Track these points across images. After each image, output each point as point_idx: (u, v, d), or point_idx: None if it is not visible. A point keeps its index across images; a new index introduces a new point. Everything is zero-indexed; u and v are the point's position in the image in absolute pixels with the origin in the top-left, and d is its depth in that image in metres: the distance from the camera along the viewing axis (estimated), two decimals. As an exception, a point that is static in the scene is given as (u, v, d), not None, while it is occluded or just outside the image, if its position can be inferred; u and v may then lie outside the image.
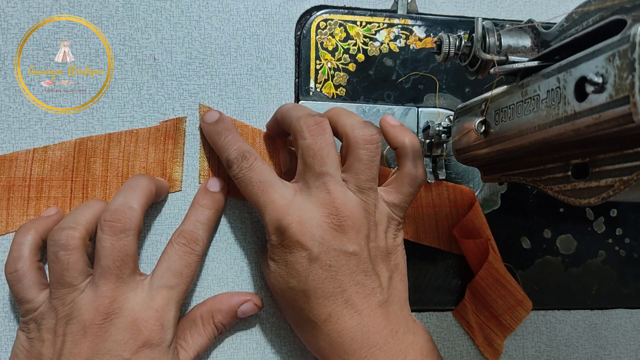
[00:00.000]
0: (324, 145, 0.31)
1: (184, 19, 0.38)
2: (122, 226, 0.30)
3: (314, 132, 0.31)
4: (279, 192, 0.32)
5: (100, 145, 0.36)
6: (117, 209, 0.31)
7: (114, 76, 0.37)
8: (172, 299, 0.31)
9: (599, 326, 0.42)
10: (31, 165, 0.35)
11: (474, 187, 0.40)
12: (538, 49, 0.28)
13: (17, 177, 0.34)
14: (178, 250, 0.32)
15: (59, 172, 0.35)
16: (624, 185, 0.22)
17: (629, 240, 0.42)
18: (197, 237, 0.33)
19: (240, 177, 0.33)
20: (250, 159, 0.33)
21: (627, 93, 0.20)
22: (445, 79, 0.41)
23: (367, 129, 0.32)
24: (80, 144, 0.35)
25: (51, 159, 0.35)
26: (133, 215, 0.31)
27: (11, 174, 0.34)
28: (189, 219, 0.34)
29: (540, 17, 0.43)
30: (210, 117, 0.35)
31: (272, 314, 0.37)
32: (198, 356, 0.34)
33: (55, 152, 0.35)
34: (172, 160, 0.37)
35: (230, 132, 0.34)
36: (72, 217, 0.32)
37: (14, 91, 0.35)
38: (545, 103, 0.25)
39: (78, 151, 0.35)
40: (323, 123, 0.32)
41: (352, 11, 0.40)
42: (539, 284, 0.41)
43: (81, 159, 0.35)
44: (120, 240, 0.30)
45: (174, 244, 0.33)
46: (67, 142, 0.35)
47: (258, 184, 0.32)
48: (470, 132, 0.31)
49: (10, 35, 0.35)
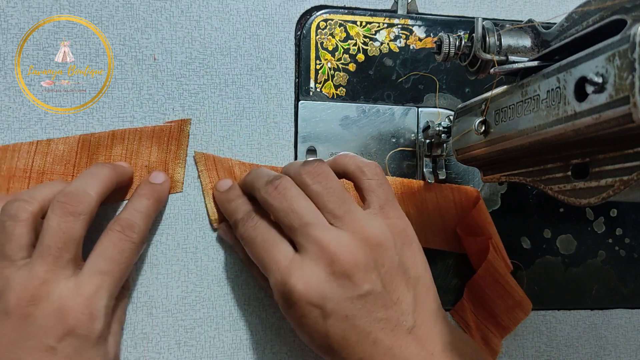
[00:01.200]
0: (291, 203, 0.31)
1: (184, 19, 0.38)
2: (73, 209, 0.30)
3: (276, 197, 0.31)
4: (282, 252, 0.31)
5: (103, 142, 0.36)
6: (72, 191, 0.30)
7: (114, 76, 0.37)
8: (103, 287, 0.30)
9: (599, 326, 0.42)
10: (33, 157, 0.35)
11: (474, 187, 0.40)
12: (538, 49, 0.28)
13: (19, 168, 0.35)
14: (112, 237, 0.31)
15: (60, 166, 0.35)
16: (624, 185, 0.22)
17: (629, 240, 0.42)
18: (132, 223, 0.32)
19: (245, 237, 0.32)
20: (255, 219, 0.32)
21: (627, 93, 0.20)
22: (445, 79, 0.41)
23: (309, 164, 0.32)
24: (83, 140, 0.36)
25: (54, 152, 0.35)
26: (87, 201, 0.30)
27: (13, 164, 0.35)
28: (126, 207, 0.33)
29: (540, 17, 0.43)
30: (222, 186, 0.36)
31: (272, 314, 0.37)
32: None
33: (59, 146, 0.35)
34: (174, 161, 0.37)
35: (239, 198, 0.35)
36: (30, 191, 0.31)
37: (14, 91, 0.35)
38: (545, 103, 0.25)
39: (81, 147, 0.35)
40: (280, 184, 0.31)
41: (352, 11, 0.40)
42: (539, 284, 0.41)
43: (84, 155, 0.35)
44: (68, 222, 0.29)
45: (108, 231, 0.32)
46: (71, 138, 0.35)
47: (262, 243, 0.31)
48: (470, 132, 0.31)
49: (10, 35, 0.35)
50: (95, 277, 0.30)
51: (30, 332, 0.29)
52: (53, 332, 0.29)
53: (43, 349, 0.29)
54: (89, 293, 0.30)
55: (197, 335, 0.36)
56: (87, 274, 0.30)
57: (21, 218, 0.30)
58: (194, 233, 0.37)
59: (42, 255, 0.29)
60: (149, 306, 0.36)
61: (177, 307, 0.36)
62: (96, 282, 0.30)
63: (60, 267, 0.30)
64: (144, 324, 0.35)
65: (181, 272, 0.36)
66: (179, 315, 0.36)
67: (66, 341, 0.29)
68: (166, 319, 0.36)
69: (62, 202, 0.30)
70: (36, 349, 0.28)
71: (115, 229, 0.32)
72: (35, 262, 0.29)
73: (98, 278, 0.30)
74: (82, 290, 0.30)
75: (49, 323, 0.29)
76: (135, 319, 0.35)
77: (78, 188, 0.30)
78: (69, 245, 0.30)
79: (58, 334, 0.29)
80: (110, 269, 0.31)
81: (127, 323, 0.35)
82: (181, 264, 0.36)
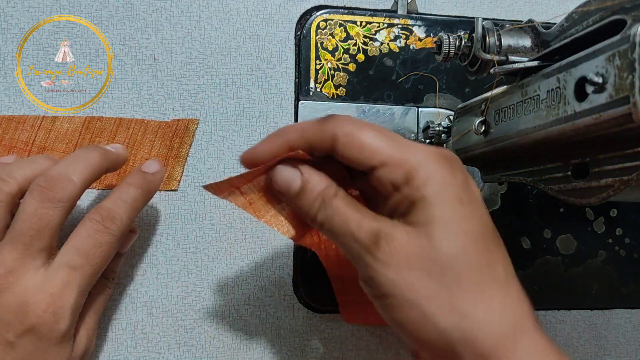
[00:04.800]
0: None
1: (184, 19, 0.38)
2: (53, 195, 0.27)
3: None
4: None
5: (108, 128, 0.36)
6: (54, 176, 0.28)
7: (114, 76, 0.37)
8: (72, 282, 0.28)
9: (599, 326, 0.42)
10: (37, 132, 0.35)
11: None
12: (538, 49, 0.28)
13: (21, 140, 0.35)
14: (89, 228, 0.28)
15: (62, 144, 0.35)
16: (624, 185, 0.22)
17: (629, 240, 0.42)
18: (114, 214, 0.29)
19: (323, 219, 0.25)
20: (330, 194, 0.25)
21: (627, 93, 0.20)
22: (445, 79, 0.41)
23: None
24: (89, 122, 0.36)
25: (57, 129, 0.35)
26: (69, 188, 0.28)
27: (15, 135, 0.35)
28: (111, 195, 0.30)
29: (540, 17, 0.43)
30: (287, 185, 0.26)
31: (272, 314, 0.37)
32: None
33: (63, 125, 0.35)
34: (174, 158, 0.37)
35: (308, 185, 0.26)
36: (9, 168, 0.29)
37: (14, 91, 0.35)
38: (545, 103, 0.25)
39: (86, 128, 0.36)
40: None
41: (352, 11, 0.40)
42: (539, 284, 0.41)
43: (87, 136, 0.36)
44: (45, 208, 0.27)
45: (87, 220, 0.29)
46: (76, 118, 0.36)
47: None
48: (470, 132, 0.31)
49: (10, 35, 0.35)
50: (64, 271, 0.28)
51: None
52: (12, 327, 0.27)
53: (1, 344, 0.27)
54: (55, 290, 0.27)
55: (197, 335, 0.36)
56: (55, 267, 0.28)
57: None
58: (194, 233, 0.37)
59: (12, 241, 0.27)
60: (149, 306, 0.36)
61: (177, 307, 0.36)
62: (65, 277, 0.28)
63: (30, 257, 0.27)
64: (144, 324, 0.35)
65: (181, 272, 0.36)
66: (179, 315, 0.36)
67: (26, 338, 0.27)
68: (166, 319, 0.36)
69: (41, 187, 0.27)
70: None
71: (93, 219, 0.29)
72: (4, 248, 0.27)
73: (67, 273, 0.28)
74: (48, 285, 0.27)
75: (10, 317, 0.27)
76: (135, 319, 0.35)
77: (62, 172, 0.28)
78: (43, 233, 0.27)
79: (17, 329, 0.27)
80: (82, 264, 0.28)
81: (127, 323, 0.35)
82: (181, 264, 0.36)
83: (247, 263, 0.37)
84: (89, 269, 0.28)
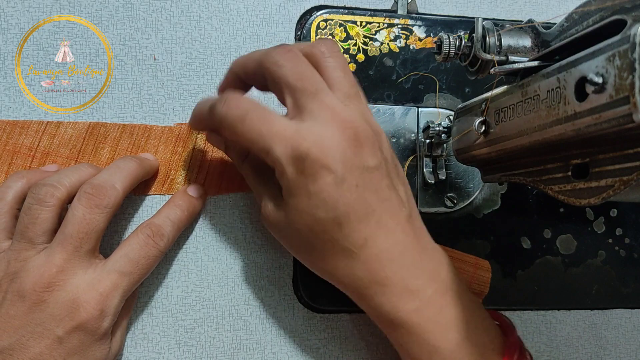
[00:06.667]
0: (305, 67, 0.29)
1: (184, 19, 0.38)
2: (99, 201, 0.30)
3: (290, 59, 0.29)
4: (282, 122, 0.28)
5: (112, 133, 0.36)
6: (100, 184, 0.30)
7: (114, 76, 0.37)
8: (120, 286, 0.31)
9: (599, 326, 0.42)
10: (40, 137, 0.35)
11: (474, 187, 0.40)
12: (538, 49, 0.28)
13: (24, 145, 0.35)
14: (141, 240, 0.32)
15: (65, 149, 0.35)
16: (624, 185, 0.22)
17: (629, 240, 0.42)
18: (163, 232, 0.33)
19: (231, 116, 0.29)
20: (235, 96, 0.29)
21: (627, 93, 0.20)
22: (445, 79, 0.41)
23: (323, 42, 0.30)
24: (93, 128, 0.36)
25: (61, 135, 0.35)
26: (113, 195, 0.30)
27: (19, 140, 0.35)
28: (160, 213, 0.34)
29: (540, 17, 0.43)
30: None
31: (272, 314, 0.37)
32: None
33: (67, 130, 0.35)
34: (178, 163, 0.37)
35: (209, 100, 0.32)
36: (58, 176, 0.31)
37: (14, 91, 0.35)
38: (545, 103, 0.25)
39: (90, 134, 0.36)
40: (292, 49, 0.29)
41: (352, 11, 0.40)
42: (539, 284, 0.41)
43: (90, 142, 0.36)
44: (93, 214, 0.30)
45: (139, 233, 0.32)
46: (80, 123, 0.36)
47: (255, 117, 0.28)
48: (470, 132, 0.31)
49: (10, 35, 0.35)
50: (115, 275, 0.30)
51: (40, 318, 0.29)
52: (63, 323, 0.29)
53: (50, 339, 0.29)
54: (105, 290, 0.30)
55: (197, 335, 0.36)
56: (107, 270, 0.30)
57: (49, 204, 0.30)
58: (194, 233, 0.37)
59: (62, 243, 0.29)
60: (149, 306, 0.36)
61: (177, 307, 0.36)
62: (115, 281, 0.30)
63: (79, 258, 0.30)
64: (144, 324, 0.35)
65: (181, 272, 0.36)
66: (179, 315, 0.36)
67: (74, 334, 0.29)
68: (166, 319, 0.36)
69: (89, 194, 0.30)
70: (44, 337, 0.29)
71: (145, 233, 0.32)
72: (55, 249, 0.29)
73: (117, 277, 0.31)
74: (99, 285, 0.30)
75: (61, 313, 0.29)
76: (135, 319, 0.35)
77: (106, 181, 0.31)
78: (90, 236, 0.30)
79: (67, 325, 0.29)
80: (131, 271, 0.31)
81: (127, 323, 0.35)
82: (181, 264, 0.36)
83: (247, 263, 0.37)
84: (136, 276, 0.31)
